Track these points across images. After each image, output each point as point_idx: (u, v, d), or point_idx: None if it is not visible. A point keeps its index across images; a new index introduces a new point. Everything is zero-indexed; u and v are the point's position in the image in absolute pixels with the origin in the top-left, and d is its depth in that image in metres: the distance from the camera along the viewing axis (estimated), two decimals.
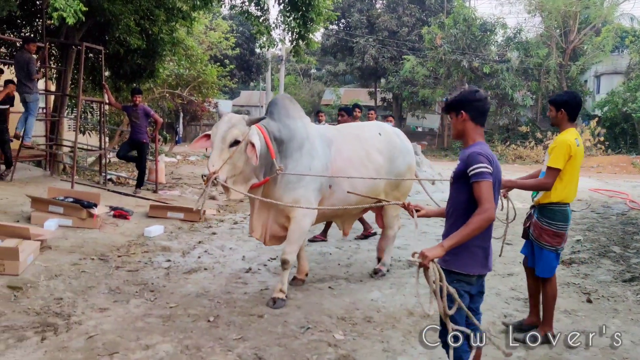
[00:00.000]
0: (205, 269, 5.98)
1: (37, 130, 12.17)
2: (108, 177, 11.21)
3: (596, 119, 26.07)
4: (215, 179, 4.41)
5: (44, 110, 12.00)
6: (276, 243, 5.31)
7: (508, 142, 27.76)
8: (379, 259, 6.16)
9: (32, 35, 10.96)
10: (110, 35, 10.91)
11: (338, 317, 4.70)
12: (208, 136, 4.74)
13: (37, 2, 11.23)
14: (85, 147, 12.38)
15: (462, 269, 3.00)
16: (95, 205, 7.19)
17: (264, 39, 12.48)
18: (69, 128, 14.62)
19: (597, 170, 21.34)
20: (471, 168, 2.91)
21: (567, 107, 4.22)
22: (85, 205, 7.01)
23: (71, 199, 7.17)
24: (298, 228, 5.01)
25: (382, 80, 35.28)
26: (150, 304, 4.82)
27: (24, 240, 5.64)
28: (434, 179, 10.34)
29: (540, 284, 4.38)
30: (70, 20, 7.43)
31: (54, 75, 11.78)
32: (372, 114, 11.06)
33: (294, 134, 5.06)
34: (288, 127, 5.06)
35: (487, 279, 3.41)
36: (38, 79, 9.69)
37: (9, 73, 10.13)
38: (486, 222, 2.85)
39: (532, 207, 4.41)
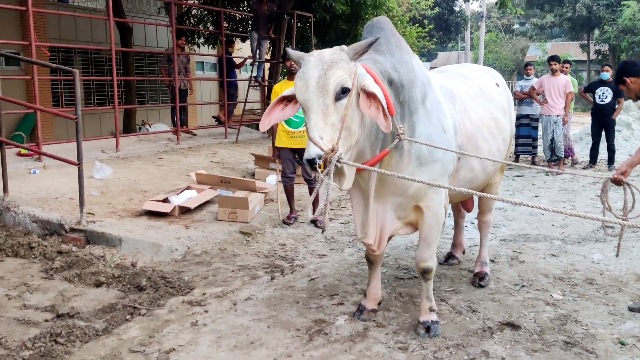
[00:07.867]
0: None
1: (256, 96, 13.35)
2: None
3: None
4: (333, 160, 2.62)
5: (260, 78, 13.11)
6: (384, 247, 3.68)
7: None
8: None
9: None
10: (317, 3, 11.46)
11: (555, 277, 4.49)
12: (285, 100, 3.03)
13: None
14: None
15: None
16: None
17: None
18: None
19: None
20: None
21: None
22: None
23: None
24: (437, 222, 3.46)
25: (596, 32, 31.77)
26: (362, 253, 5.06)
27: (251, 192, 6.31)
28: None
29: None
30: None
31: (269, 46, 12.76)
32: (566, 67, 10.18)
33: (414, 76, 3.25)
34: (406, 63, 3.24)
35: None
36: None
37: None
38: None
39: None
